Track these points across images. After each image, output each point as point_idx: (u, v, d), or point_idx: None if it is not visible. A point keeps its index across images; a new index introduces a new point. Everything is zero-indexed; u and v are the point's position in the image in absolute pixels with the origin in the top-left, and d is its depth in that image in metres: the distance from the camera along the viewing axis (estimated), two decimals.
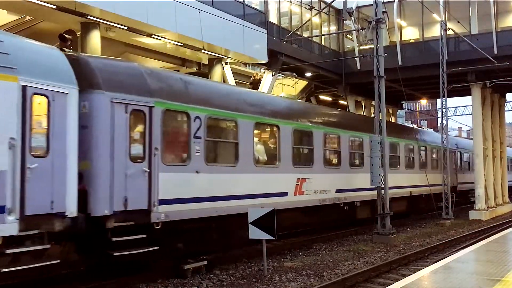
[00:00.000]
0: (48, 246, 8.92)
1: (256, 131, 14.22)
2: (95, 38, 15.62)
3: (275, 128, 15.05)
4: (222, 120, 13.28)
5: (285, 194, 14.98)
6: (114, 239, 9.98)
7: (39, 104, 8.84)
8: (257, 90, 23.18)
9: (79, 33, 15.76)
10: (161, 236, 10.96)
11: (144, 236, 10.44)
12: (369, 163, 18.36)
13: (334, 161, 18.34)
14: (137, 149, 10.59)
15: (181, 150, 11.94)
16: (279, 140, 15.00)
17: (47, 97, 8.86)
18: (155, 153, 10.71)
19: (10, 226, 8.15)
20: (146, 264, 11.69)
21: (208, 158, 12.29)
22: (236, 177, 13.18)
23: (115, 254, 9.97)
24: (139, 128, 10.79)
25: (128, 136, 10.32)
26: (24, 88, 8.46)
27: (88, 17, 15.11)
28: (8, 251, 8.27)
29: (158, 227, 10.84)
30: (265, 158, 14.75)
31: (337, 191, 17.69)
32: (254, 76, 26.19)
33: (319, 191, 16.62)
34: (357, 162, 19.63)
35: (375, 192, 18.18)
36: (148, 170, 10.55)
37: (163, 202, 10.87)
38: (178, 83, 12.25)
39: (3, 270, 8.22)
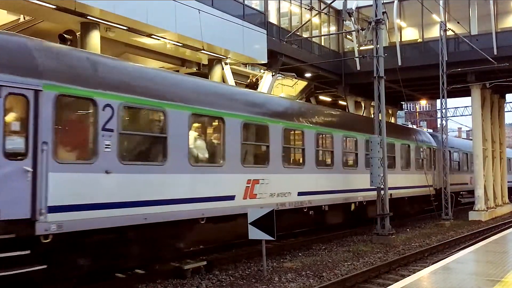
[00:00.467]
0: None
1: (195, 124, 12.02)
2: (95, 38, 15.62)
3: (219, 121, 12.69)
4: (145, 110, 11.06)
5: (231, 198, 12.71)
6: None
7: None
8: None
9: (79, 33, 15.78)
10: (54, 251, 9.03)
11: (28, 252, 8.40)
12: (340, 162, 17.61)
13: (297, 160, 16.44)
14: (15, 143, 8.53)
15: (83, 145, 9.84)
16: (224, 135, 12.60)
17: None
18: (43, 148, 8.63)
19: None
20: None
21: (123, 155, 10.07)
22: (164, 178, 10.85)
23: None
24: (19, 116, 8.67)
25: (2, 126, 8.28)
26: None
27: (88, 17, 15.12)
28: None
29: (48, 240, 8.74)
30: (206, 156, 12.37)
31: (300, 194, 15.41)
32: (250, 79, 26.11)
33: (276, 194, 14.26)
34: (327, 161, 17.53)
35: (349, 194, 17.72)
36: (31, 170, 8.50)
37: (54, 209, 8.78)
38: (82, 63, 9.98)
39: None
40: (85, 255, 9.74)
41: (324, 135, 17.55)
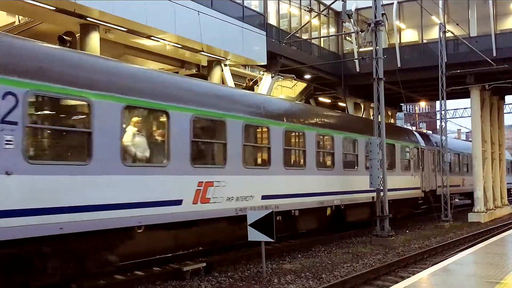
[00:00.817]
0: None
1: (135, 118, 10.69)
2: (94, 40, 15.61)
3: (162, 115, 11.15)
4: (62, 100, 9.48)
5: (177, 202, 11.18)
6: None
7: None
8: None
9: (78, 34, 15.77)
10: None
11: None
12: (313, 163, 16.18)
13: (261, 160, 15.12)
14: None
15: None
16: (169, 132, 11.03)
17: None
18: None
19: None
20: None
21: (30, 153, 8.59)
22: (89, 180, 9.24)
23: None
24: None
25: None
26: None
27: (87, 18, 15.11)
28: None
29: None
30: (147, 155, 10.93)
31: (264, 197, 13.86)
32: (246, 83, 26.06)
33: (235, 198, 12.76)
34: (299, 161, 16.11)
35: (325, 198, 16.61)
36: None
37: None
38: None
39: None
40: None
41: (296, 133, 16.09)
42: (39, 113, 9.31)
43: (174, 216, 11.05)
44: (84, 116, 9.72)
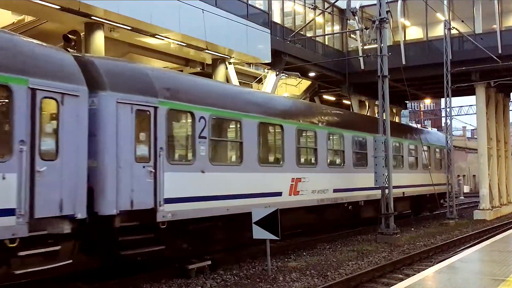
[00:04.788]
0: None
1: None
2: (99, 39, 15.64)
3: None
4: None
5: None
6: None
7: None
8: None
9: (83, 33, 15.80)
10: None
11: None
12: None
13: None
14: None
15: None
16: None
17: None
18: None
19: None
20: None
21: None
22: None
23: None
24: None
25: None
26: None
27: (92, 17, 15.14)
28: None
29: None
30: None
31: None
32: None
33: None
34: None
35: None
36: None
37: None
38: None
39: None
40: None
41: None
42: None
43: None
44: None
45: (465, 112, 59.11)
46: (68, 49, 11.14)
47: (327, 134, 17.22)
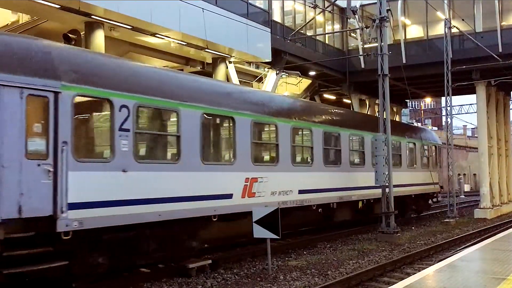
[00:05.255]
0: None
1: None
2: (99, 38, 15.63)
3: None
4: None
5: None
6: None
7: None
8: None
9: (83, 32, 15.80)
10: None
11: None
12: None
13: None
14: None
15: None
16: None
17: None
18: None
19: None
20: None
21: None
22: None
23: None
24: None
25: None
26: None
27: (92, 16, 15.13)
28: None
29: None
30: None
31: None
32: None
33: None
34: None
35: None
36: None
37: None
38: None
39: None
40: None
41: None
42: None
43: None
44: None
45: (466, 111, 59.19)
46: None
47: (291, 129, 15.06)
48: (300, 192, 15.25)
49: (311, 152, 16.20)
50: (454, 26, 24.94)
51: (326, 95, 32.91)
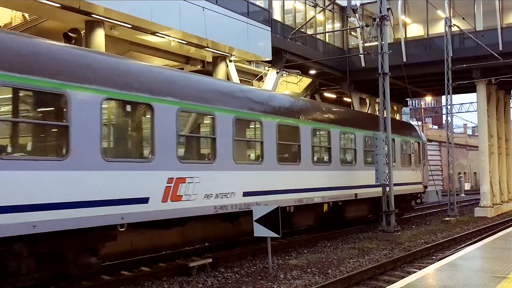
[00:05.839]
0: None
1: None
2: (99, 37, 15.63)
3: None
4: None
5: None
6: None
7: None
8: None
9: (84, 31, 15.80)
10: None
11: None
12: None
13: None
14: None
15: None
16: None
17: None
18: None
19: None
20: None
21: None
22: None
23: None
24: None
25: None
26: None
27: (92, 15, 15.13)
28: None
29: None
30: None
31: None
32: None
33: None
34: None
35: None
36: None
37: None
38: None
39: None
40: None
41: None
42: None
43: None
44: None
45: (466, 110, 59.07)
46: None
47: (233, 119, 12.60)
48: (246, 194, 12.94)
49: (261, 148, 13.75)
50: (455, 25, 24.95)
51: (326, 94, 32.92)
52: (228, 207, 12.39)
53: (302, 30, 24.63)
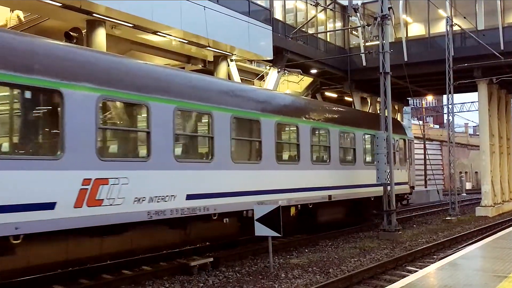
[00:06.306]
0: None
1: None
2: (100, 36, 15.63)
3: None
4: None
5: None
6: None
7: None
8: None
9: (85, 30, 15.80)
10: None
11: None
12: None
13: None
14: None
15: None
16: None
17: None
18: None
19: None
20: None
21: None
22: None
23: None
24: None
25: None
26: None
27: (94, 14, 15.13)
28: None
29: None
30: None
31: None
32: None
33: None
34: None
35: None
36: None
37: None
38: None
39: None
40: None
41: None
42: None
43: None
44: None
45: (467, 109, 58.99)
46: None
47: (174, 110, 10.94)
48: (190, 197, 11.23)
49: (211, 144, 11.97)
50: (456, 24, 24.92)
51: (327, 93, 32.91)
52: (167, 213, 10.61)
53: (303, 29, 24.61)
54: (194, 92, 11.84)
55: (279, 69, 23.44)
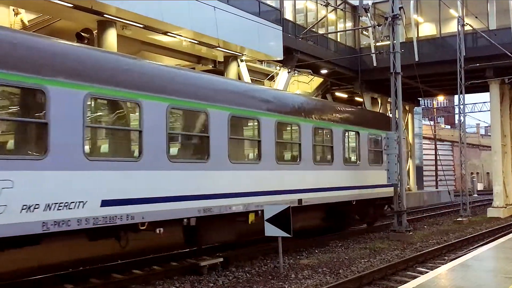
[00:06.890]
0: None
1: None
2: (111, 36, 15.71)
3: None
4: None
5: None
6: None
7: None
8: None
9: (96, 31, 15.89)
10: None
11: None
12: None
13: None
14: None
15: None
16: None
17: None
18: None
19: None
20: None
21: None
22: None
23: None
24: None
25: None
26: None
27: (105, 15, 15.21)
28: None
29: None
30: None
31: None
32: None
33: None
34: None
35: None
36: None
37: None
38: None
39: None
40: None
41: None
42: None
43: None
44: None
45: (479, 109, 58.62)
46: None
47: (84, 97, 8.77)
48: (106, 204, 9.08)
49: (139, 139, 9.83)
50: (468, 24, 24.77)
51: (338, 94, 32.85)
52: (72, 223, 8.45)
53: (314, 30, 24.58)
54: (109, 77, 9.51)
55: (289, 70, 23.43)
